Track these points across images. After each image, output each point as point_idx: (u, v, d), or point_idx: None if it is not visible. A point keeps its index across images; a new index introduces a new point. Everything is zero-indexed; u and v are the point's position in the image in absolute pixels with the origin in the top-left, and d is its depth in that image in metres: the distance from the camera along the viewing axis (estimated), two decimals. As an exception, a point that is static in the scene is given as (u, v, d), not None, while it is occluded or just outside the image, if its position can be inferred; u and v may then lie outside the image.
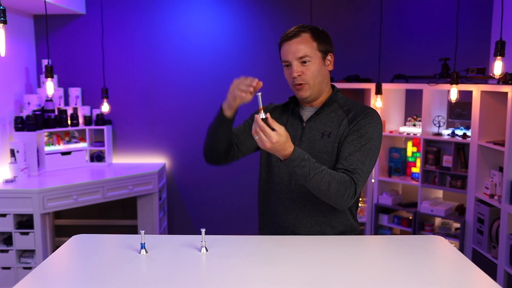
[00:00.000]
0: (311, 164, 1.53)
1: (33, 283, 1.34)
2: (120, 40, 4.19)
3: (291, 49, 1.69)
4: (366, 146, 1.64)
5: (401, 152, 4.03)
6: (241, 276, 1.37)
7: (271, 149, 1.49)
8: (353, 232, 1.79)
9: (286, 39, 1.71)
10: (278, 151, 1.50)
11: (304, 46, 1.68)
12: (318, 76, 1.70)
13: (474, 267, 1.44)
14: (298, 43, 1.68)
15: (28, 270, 3.26)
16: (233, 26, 4.19)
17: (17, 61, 3.83)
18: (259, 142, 1.49)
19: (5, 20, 2.12)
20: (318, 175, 1.53)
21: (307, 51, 1.67)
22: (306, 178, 1.53)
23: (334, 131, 1.70)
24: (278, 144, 1.48)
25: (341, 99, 1.78)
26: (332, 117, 1.73)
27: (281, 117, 1.83)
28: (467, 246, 3.53)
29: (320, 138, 1.71)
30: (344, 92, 4.10)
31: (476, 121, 3.39)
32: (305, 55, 1.67)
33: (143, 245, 1.54)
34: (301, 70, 1.68)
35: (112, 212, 4.34)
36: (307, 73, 1.68)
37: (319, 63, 1.70)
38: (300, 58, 1.68)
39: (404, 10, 4.15)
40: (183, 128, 4.28)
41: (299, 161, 1.51)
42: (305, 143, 1.72)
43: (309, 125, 1.74)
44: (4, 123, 3.59)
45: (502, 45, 2.65)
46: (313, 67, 1.68)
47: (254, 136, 1.50)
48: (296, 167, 1.52)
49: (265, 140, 1.47)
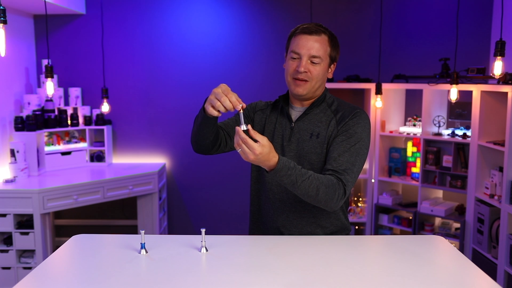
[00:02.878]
0: (297, 171, 1.52)
1: (33, 283, 1.34)
2: (120, 40, 4.19)
3: (307, 44, 1.67)
4: (355, 146, 1.63)
5: (401, 152, 4.03)
6: (241, 276, 1.37)
7: (254, 160, 1.47)
8: (344, 231, 1.79)
9: (305, 32, 1.68)
10: (262, 162, 1.48)
11: (320, 47, 1.68)
12: (320, 78, 1.70)
13: (474, 267, 1.44)
14: (316, 41, 1.67)
15: (28, 270, 3.26)
16: (233, 26, 4.19)
17: (17, 61, 3.83)
18: (242, 155, 1.47)
19: (5, 20, 2.12)
20: (306, 181, 1.52)
21: (321, 52, 1.68)
22: (294, 186, 1.52)
23: (322, 131, 1.70)
24: (262, 155, 1.46)
25: (330, 98, 1.78)
26: (321, 117, 1.73)
27: (270, 115, 1.82)
28: (467, 246, 3.53)
29: (309, 139, 1.70)
30: (344, 92, 4.14)
31: (476, 121, 3.39)
32: (318, 55, 1.67)
33: (143, 245, 1.54)
34: (309, 68, 1.68)
35: (112, 212, 4.34)
36: (313, 72, 1.68)
37: (325, 68, 1.71)
38: (312, 56, 1.67)
39: (404, 10, 4.15)
40: (183, 128, 4.28)
41: (285, 171, 1.50)
42: (293, 143, 1.72)
43: (297, 125, 1.74)
44: (4, 123, 3.59)
45: (502, 45, 2.65)
46: (319, 69, 1.69)
47: (237, 149, 1.48)
48: (283, 176, 1.50)
49: (248, 152, 1.45)
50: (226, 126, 1.82)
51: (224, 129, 1.81)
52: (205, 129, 1.68)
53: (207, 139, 1.72)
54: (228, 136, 1.81)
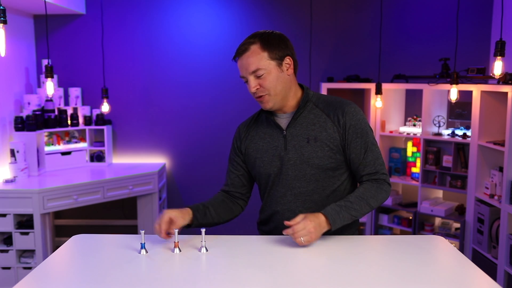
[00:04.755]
0: (346, 209, 1.61)
1: (33, 283, 1.34)
2: (120, 40, 4.19)
3: (243, 65, 1.65)
4: (368, 141, 1.69)
5: (401, 152, 4.03)
6: (241, 276, 1.37)
7: (316, 228, 1.54)
8: (356, 225, 1.82)
9: (237, 54, 1.67)
10: (320, 224, 1.56)
11: (254, 59, 1.62)
12: (277, 84, 1.65)
13: (474, 267, 1.44)
14: (248, 57, 1.63)
15: (28, 270, 3.26)
16: (233, 26, 4.19)
17: (17, 61, 3.83)
18: (307, 238, 1.53)
19: (5, 20, 2.12)
20: (358, 209, 1.63)
21: (258, 63, 1.62)
22: (353, 219, 1.63)
23: (319, 135, 1.68)
24: (311, 221, 1.54)
25: (313, 96, 1.75)
26: (311, 119, 1.70)
27: (257, 130, 1.79)
28: (467, 246, 3.53)
29: (307, 143, 1.69)
30: (344, 92, 4.14)
31: (476, 121, 3.39)
32: (257, 68, 1.62)
33: (143, 245, 1.54)
34: (258, 83, 1.65)
35: (112, 212, 4.34)
36: (264, 84, 1.64)
37: (275, 72, 1.65)
38: (253, 72, 1.63)
39: (404, 10, 4.15)
40: (183, 128, 4.28)
41: (340, 220, 1.59)
42: (291, 151, 1.70)
43: (289, 132, 1.71)
44: (4, 123, 3.59)
45: (502, 45, 2.65)
46: (269, 77, 1.64)
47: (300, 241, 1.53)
48: (341, 221, 1.60)
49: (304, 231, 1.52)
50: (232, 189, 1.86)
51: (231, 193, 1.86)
52: (207, 225, 1.75)
53: (222, 219, 1.82)
54: (239, 193, 1.86)
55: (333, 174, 1.71)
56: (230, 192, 1.86)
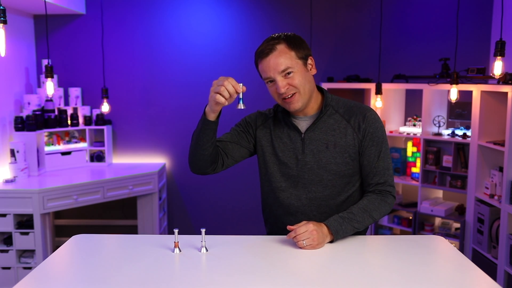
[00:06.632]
0: (349, 220, 1.62)
1: (33, 283, 1.34)
2: (120, 40, 4.19)
3: (270, 65, 1.62)
4: (382, 150, 1.70)
5: (401, 152, 4.03)
6: (241, 276, 1.37)
7: (319, 235, 1.56)
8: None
9: (263, 56, 1.63)
10: (323, 233, 1.57)
11: (284, 59, 1.61)
12: (305, 83, 1.65)
13: (474, 267, 1.44)
14: (276, 57, 1.61)
15: (28, 270, 3.26)
16: (233, 26, 4.19)
17: (17, 61, 3.83)
18: (310, 242, 1.54)
19: (5, 20, 2.12)
20: (361, 221, 1.64)
21: (287, 62, 1.61)
22: (355, 230, 1.64)
23: (339, 141, 1.68)
24: (315, 229, 1.55)
25: (333, 101, 1.74)
26: (331, 124, 1.70)
27: (275, 129, 1.77)
28: (467, 246, 3.53)
29: (325, 149, 1.68)
30: (344, 92, 4.14)
31: (476, 121, 3.39)
32: (287, 67, 1.61)
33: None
34: (287, 82, 1.62)
35: (112, 212, 4.34)
36: (293, 83, 1.62)
37: (302, 71, 1.64)
38: (283, 72, 1.61)
39: (404, 10, 4.15)
40: (183, 128, 4.28)
41: (342, 231, 1.61)
42: (308, 155, 1.70)
43: (308, 135, 1.71)
44: (4, 123, 3.59)
45: (502, 45, 2.65)
46: (298, 76, 1.63)
47: (302, 245, 1.55)
48: (345, 233, 1.62)
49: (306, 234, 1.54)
50: (221, 144, 1.78)
51: (220, 146, 1.77)
52: (204, 136, 1.65)
53: (206, 150, 1.68)
54: (225, 154, 1.78)
55: (349, 181, 1.72)
56: (220, 146, 1.78)
